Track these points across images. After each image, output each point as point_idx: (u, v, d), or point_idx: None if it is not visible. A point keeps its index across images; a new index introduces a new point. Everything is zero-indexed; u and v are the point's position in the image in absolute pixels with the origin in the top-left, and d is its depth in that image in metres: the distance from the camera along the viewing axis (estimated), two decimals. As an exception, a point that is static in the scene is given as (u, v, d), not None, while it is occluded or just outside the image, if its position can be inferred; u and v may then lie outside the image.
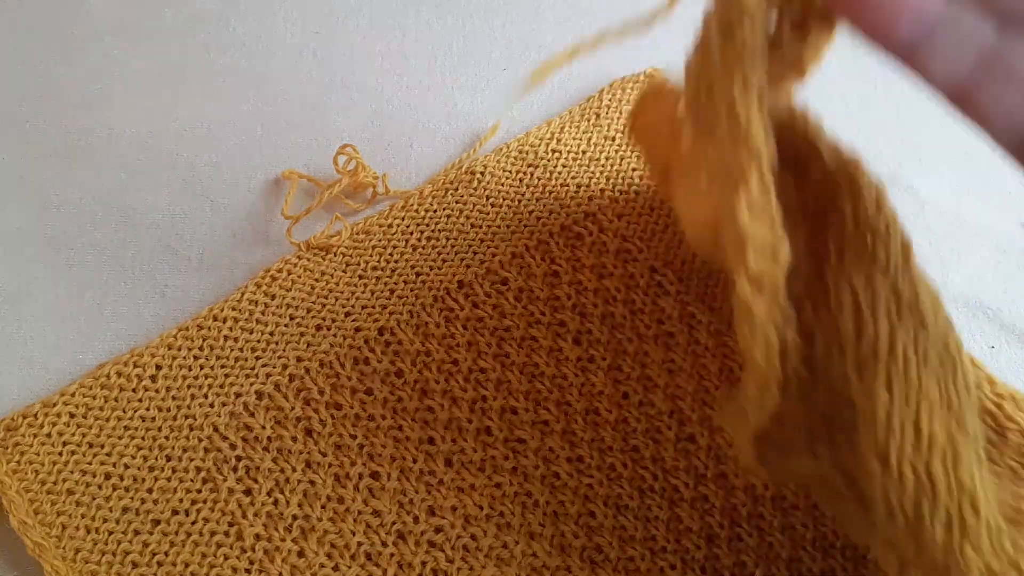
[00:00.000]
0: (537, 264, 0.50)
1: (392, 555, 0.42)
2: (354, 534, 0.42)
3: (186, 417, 0.44)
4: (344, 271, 0.49)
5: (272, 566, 0.41)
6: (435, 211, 0.52)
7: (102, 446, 0.43)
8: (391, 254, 0.50)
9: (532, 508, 0.43)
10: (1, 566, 0.41)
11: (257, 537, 0.41)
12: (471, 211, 0.52)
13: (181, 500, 0.42)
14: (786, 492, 0.43)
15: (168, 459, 0.43)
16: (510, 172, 0.54)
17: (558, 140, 0.55)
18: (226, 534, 0.42)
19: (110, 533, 0.41)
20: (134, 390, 0.44)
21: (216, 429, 0.44)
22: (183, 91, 0.58)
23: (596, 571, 0.42)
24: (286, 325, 0.47)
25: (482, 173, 0.53)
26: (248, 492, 0.42)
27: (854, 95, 0.60)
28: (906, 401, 0.31)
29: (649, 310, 0.48)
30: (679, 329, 0.48)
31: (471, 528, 0.42)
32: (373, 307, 0.48)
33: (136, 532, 0.41)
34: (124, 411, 0.44)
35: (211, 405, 0.44)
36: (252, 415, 0.44)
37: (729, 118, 0.30)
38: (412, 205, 0.52)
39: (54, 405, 0.43)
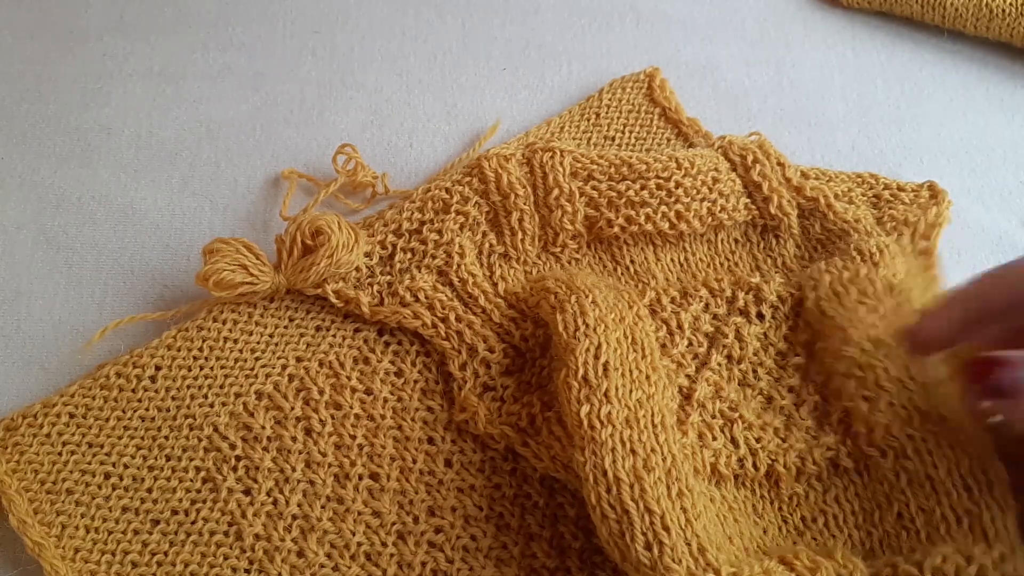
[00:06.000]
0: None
1: (392, 555, 0.42)
2: (354, 534, 0.42)
3: (186, 417, 0.44)
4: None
5: (272, 566, 0.41)
6: None
7: (101, 446, 0.43)
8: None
9: (531, 509, 0.43)
10: (1, 565, 0.41)
11: (257, 537, 0.41)
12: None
13: (181, 500, 0.42)
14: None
15: (168, 459, 0.43)
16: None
17: (558, 139, 0.55)
18: (226, 534, 0.41)
19: (109, 533, 0.41)
20: (133, 390, 0.44)
21: (216, 429, 0.44)
22: (183, 90, 0.58)
23: (595, 572, 0.42)
24: (285, 327, 0.47)
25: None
26: (248, 492, 0.42)
27: (854, 95, 0.60)
28: (596, 455, 0.37)
29: None
30: None
31: (471, 529, 0.42)
32: (373, 307, 0.48)
33: (136, 532, 0.41)
34: (124, 411, 0.44)
35: (211, 405, 0.44)
36: (252, 415, 0.44)
37: None
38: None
39: (54, 405, 0.43)
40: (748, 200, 0.50)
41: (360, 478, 0.43)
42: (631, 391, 0.40)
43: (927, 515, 0.40)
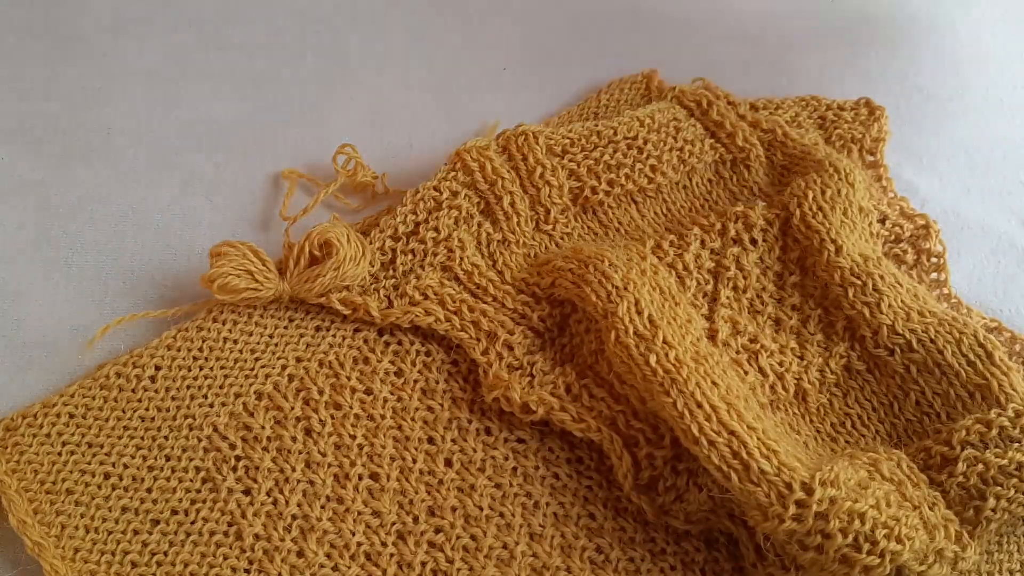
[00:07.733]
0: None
1: (392, 555, 0.42)
2: (354, 534, 0.42)
3: (185, 417, 0.44)
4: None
5: (271, 566, 0.41)
6: None
7: (101, 446, 0.43)
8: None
9: (533, 509, 0.43)
10: (1, 565, 0.41)
11: (256, 537, 0.41)
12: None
13: (180, 500, 0.42)
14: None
15: (167, 459, 0.43)
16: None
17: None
18: (225, 534, 0.41)
19: (109, 533, 0.41)
20: (133, 390, 0.44)
21: (216, 429, 0.44)
22: (183, 90, 0.58)
23: (597, 572, 0.42)
24: (285, 327, 0.47)
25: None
26: (247, 492, 0.42)
27: (854, 95, 0.60)
28: (684, 393, 0.40)
29: None
30: None
31: (471, 528, 0.42)
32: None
33: (135, 532, 0.41)
34: (123, 411, 0.44)
35: (210, 405, 0.44)
36: (251, 415, 0.44)
37: None
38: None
39: (54, 405, 0.43)
40: (712, 140, 0.53)
41: (360, 478, 0.43)
42: (683, 335, 0.42)
43: (943, 397, 0.44)
